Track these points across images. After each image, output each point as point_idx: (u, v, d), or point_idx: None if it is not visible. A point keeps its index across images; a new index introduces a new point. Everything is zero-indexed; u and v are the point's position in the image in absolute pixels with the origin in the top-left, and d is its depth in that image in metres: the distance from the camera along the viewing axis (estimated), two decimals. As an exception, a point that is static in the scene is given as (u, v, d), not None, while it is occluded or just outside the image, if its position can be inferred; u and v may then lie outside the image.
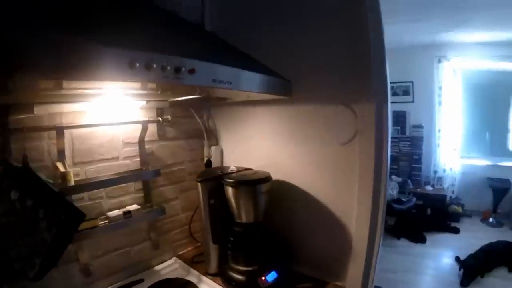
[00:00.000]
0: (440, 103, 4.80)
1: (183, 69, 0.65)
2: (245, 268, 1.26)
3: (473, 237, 3.89)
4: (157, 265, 1.45)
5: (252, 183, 1.23)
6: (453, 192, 4.86)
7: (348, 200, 1.22)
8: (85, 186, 1.14)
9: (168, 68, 0.63)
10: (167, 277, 1.35)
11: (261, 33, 1.33)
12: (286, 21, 1.28)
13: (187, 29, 1.16)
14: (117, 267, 1.29)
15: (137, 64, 0.58)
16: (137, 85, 0.90)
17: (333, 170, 1.26)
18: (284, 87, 1.00)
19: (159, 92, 1.13)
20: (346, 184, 1.22)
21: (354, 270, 1.26)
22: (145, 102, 1.26)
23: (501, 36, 4.02)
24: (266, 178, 1.25)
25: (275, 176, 1.33)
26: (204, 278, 1.33)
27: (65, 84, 0.79)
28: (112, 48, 0.57)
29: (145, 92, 1.08)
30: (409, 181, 4.69)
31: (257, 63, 0.95)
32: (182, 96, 1.23)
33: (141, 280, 1.30)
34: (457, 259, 3.28)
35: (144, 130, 1.32)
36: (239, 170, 1.38)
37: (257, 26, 1.35)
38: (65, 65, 0.51)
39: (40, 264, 0.92)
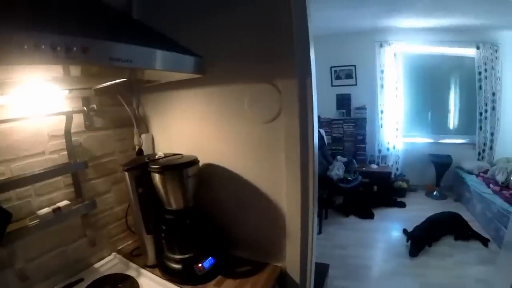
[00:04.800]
0: (382, 86, 4.99)
1: (74, 48, 0.63)
2: (180, 257, 1.25)
3: (419, 209, 4.12)
4: (96, 262, 1.38)
5: (178, 167, 1.20)
6: (397, 169, 5.12)
7: (277, 178, 1.24)
8: (10, 184, 1.06)
9: (58, 48, 0.60)
10: (107, 273, 1.31)
11: (182, 18, 1.29)
12: (206, 6, 1.25)
13: (103, 14, 1.09)
14: (54, 268, 1.22)
15: (25, 46, 0.56)
16: (56, 70, 0.84)
17: (260, 149, 1.26)
18: (195, 64, 0.97)
19: (84, 78, 1.06)
20: (273, 162, 1.23)
21: (291, 249, 1.28)
22: (67, 91, 1.18)
23: (440, 22, 4.21)
24: (193, 161, 1.24)
25: (204, 159, 1.32)
26: (143, 271, 1.30)
27: None
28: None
29: (65, 77, 0.99)
30: (354, 160, 4.86)
31: (168, 42, 0.92)
32: (106, 81, 1.16)
33: (81, 280, 1.25)
34: (405, 231, 3.44)
35: (69, 121, 1.23)
36: (167, 156, 1.34)
37: (181, 10, 1.31)
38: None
39: None
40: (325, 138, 4.93)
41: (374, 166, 5.00)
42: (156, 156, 1.31)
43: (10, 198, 1.08)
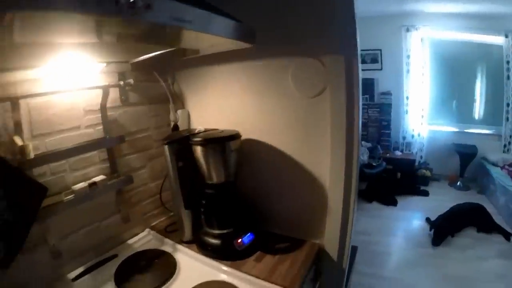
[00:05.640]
0: (408, 71, 4.88)
1: (139, 3, 0.59)
2: (219, 232, 1.25)
3: (441, 199, 4.05)
4: (129, 238, 1.39)
5: (221, 140, 1.19)
6: (421, 157, 5.03)
7: (321, 155, 1.21)
8: (45, 158, 1.05)
9: (122, 1, 0.56)
10: (141, 249, 1.31)
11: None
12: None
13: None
14: (87, 245, 1.22)
15: None
16: (92, 36, 0.82)
17: (304, 125, 1.24)
18: (248, 33, 0.94)
19: (120, 47, 1.03)
20: (317, 138, 1.21)
21: (331, 228, 1.27)
22: (104, 65, 1.17)
23: (468, 8, 4.07)
24: (235, 135, 1.22)
25: (244, 135, 1.30)
26: (179, 247, 1.31)
27: (16, 34, 0.69)
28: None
29: (103, 47, 0.98)
30: (379, 146, 4.77)
31: (218, 8, 0.89)
32: (147, 53, 1.14)
33: (115, 256, 1.25)
34: (428, 220, 3.41)
35: (105, 95, 1.22)
36: (207, 130, 1.33)
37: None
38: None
39: (5, 247, 0.88)
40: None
41: (398, 153, 4.91)
42: (196, 131, 1.29)
43: (44, 173, 1.07)
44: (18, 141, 0.96)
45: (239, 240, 1.21)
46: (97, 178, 1.20)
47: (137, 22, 0.66)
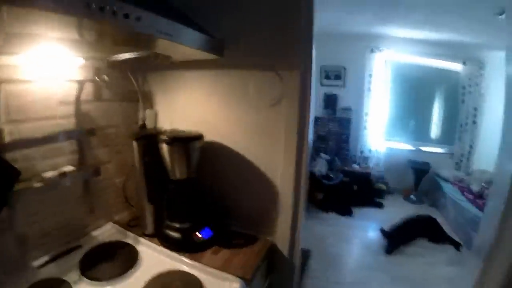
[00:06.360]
0: (369, 90, 5.12)
1: (131, 15, 0.70)
2: (180, 225, 1.32)
3: (396, 211, 4.22)
4: (93, 230, 1.42)
5: (186, 140, 1.28)
6: (378, 171, 5.23)
7: (275, 159, 1.34)
8: (18, 143, 1.08)
9: (119, 13, 0.68)
10: (105, 241, 1.36)
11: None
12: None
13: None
14: (53, 233, 1.24)
15: (93, 6, 0.62)
16: (75, 33, 0.89)
17: (262, 130, 1.36)
18: (218, 47, 1.06)
19: (100, 45, 1.09)
20: (273, 143, 1.34)
21: (282, 225, 1.39)
22: (82, 60, 1.23)
23: (431, 35, 4.33)
24: (199, 136, 1.32)
25: (208, 136, 1.40)
26: (141, 239, 1.36)
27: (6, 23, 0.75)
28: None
29: (83, 43, 1.04)
30: (337, 159, 4.96)
31: (194, 23, 1.00)
32: (123, 53, 1.21)
33: (79, 246, 1.28)
34: (382, 230, 3.54)
35: (81, 89, 1.28)
36: (173, 131, 1.41)
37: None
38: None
39: None
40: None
41: (355, 166, 5.10)
42: (163, 130, 1.37)
43: (16, 158, 1.08)
44: None
45: (198, 234, 1.29)
46: (67, 168, 1.23)
47: (124, 29, 0.75)
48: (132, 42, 1.03)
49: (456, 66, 4.78)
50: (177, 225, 1.32)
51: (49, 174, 1.16)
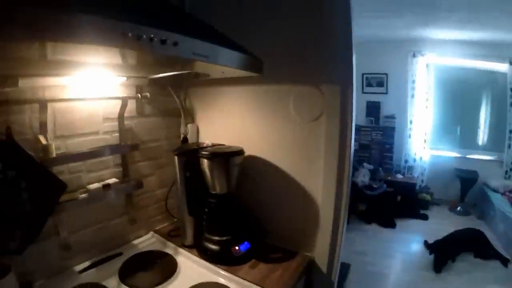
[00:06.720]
0: (412, 96, 4.97)
1: (168, 41, 0.71)
2: (219, 238, 1.33)
3: (441, 224, 4.08)
4: (134, 239, 1.48)
5: (226, 156, 1.30)
6: (422, 181, 5.06)
7: (315, 174, 1.31)
8: (65, 158, 1.16)
9: (156, 39, 0.69)
10: (145, 250, 1.40)
11: (237, 17, 1.39)
12: (260, 7, 1.36)
13: (166, 8, 1.20)
14: (95, 241, 1.31)
15: (130, 34, 0.64)
16: (117, 58, 0.94)
17: (301, 146, 1.34)
18: (256, 65, 1.07)
19: (141, 67, 1.15)
20: (313, 159, 1.31)
21: (322, 241, 1.35)
22: (125, 78, 1.28)
23: (474, 35, 4.17)
24: (239, 151, 1.33)
25: (247, 151, 1.40)
26: (181, 250, 1.39)
27: (49, 53, 0.81)
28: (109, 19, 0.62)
29: (125, 65, 1.10)
30: (380, 169, 4.84)
31: (231, 41, 1.02)
32: (162, 72, 1.26)
33: (120, 254, 1.34)
34: (426, 243, 3.41)
35: (124, 106, 1.34)
36: (214, 145, 1.44)
37: (234, 10, 1.42)
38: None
39: (22, 236, 0.94)
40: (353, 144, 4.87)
41: (399, 176, 4.95)
42: (204, 144, 1.41)
43: (63, 171, 1.17)
44: (43, 140, 1.07)
45: (236, 247, 1.30)
46: (110, 181, 1.30)
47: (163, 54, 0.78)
48: (172, 63, 1.07)
49: (502, 67, 4.52)
50: (216, 238, 1.33)
51: (94, 186, 1.24)
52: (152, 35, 0.67)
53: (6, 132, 0.93)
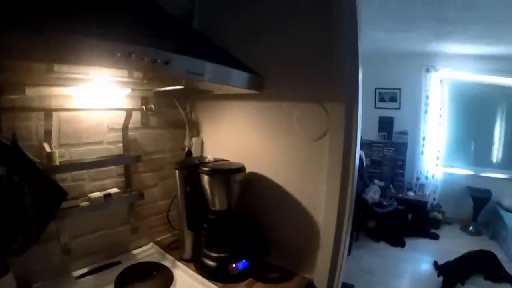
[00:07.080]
0: (426, 112, 4.90)
1: (159, 60, 0.72)
2: (216, 255, 1.32)
3: (452, 244, 3.98)
4: (134, 249, 1.49)
5: (227, 173, 1.29)
6: (434, 199, 4.94)
7: (317, 194, 1.28)
8: (69, 166, 1.19)
9: (146, 59, 0.69)
10: (143, 260, 1.40)
11: (242, 34, 1.39)
12: (265, 24, 1.35)
13: (171, 25, 1.21)
14: (95, 248, 1.33)
15: (118, 54, 0.65)
16: (123, 72, 0.95)
17: (304, 164, 1.32)
18: (255, 82, 1.06)
19: (145, 81, 1.16)
20: (315, 178, 1.28)
21: (322, 263, 1.31)
22: (130, 90, 1.29)
23: (488, 50, 4.11)
24: (240, 169, 1.31)
25: (250, 167, 1.39)
26: (178, 263, 1.38)
27: (56, 67, 0.83)
28: (99, 40, 0.64)
29: (131, 80, 1.11)
30: (391, 185, 4.77)
31: (232, 59, 1.01)
32: (168, 86, 1.27)
33: (118, 262, 1.34)
34: (435, 264, 3.32)
35: (128, 117, 1.36)
36: (216, 160, 1.43)
37: (240, 27, 1.42)
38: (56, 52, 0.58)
39: (22, 239, 0.96)
40: (364, 160, 4.83)
41: (410, 194, 4.85)
42: (206, 160, 1.40)
43: (66, 178, 1.20)
44: (47, 147, 1.09)
45: (233, 265, 1.28)
46: (112, 190, 1.32)
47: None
48: (172, 79, 1.07)
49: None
50: (214, 254, 1.31)
51: (95, 195, 1.25)
52: (141, 54, 0.67)
53: (11, 138, 0.95)
